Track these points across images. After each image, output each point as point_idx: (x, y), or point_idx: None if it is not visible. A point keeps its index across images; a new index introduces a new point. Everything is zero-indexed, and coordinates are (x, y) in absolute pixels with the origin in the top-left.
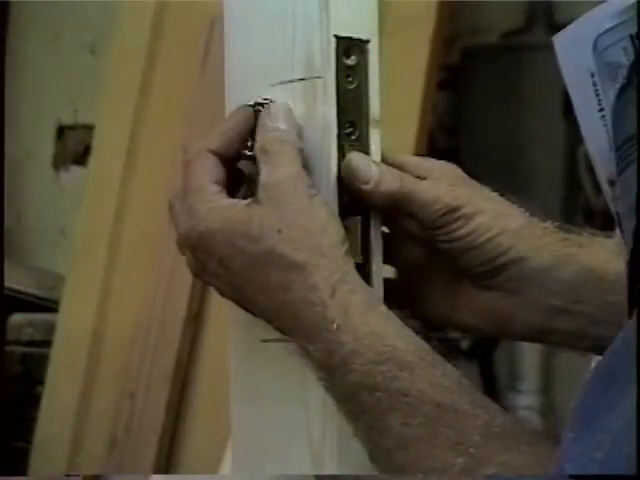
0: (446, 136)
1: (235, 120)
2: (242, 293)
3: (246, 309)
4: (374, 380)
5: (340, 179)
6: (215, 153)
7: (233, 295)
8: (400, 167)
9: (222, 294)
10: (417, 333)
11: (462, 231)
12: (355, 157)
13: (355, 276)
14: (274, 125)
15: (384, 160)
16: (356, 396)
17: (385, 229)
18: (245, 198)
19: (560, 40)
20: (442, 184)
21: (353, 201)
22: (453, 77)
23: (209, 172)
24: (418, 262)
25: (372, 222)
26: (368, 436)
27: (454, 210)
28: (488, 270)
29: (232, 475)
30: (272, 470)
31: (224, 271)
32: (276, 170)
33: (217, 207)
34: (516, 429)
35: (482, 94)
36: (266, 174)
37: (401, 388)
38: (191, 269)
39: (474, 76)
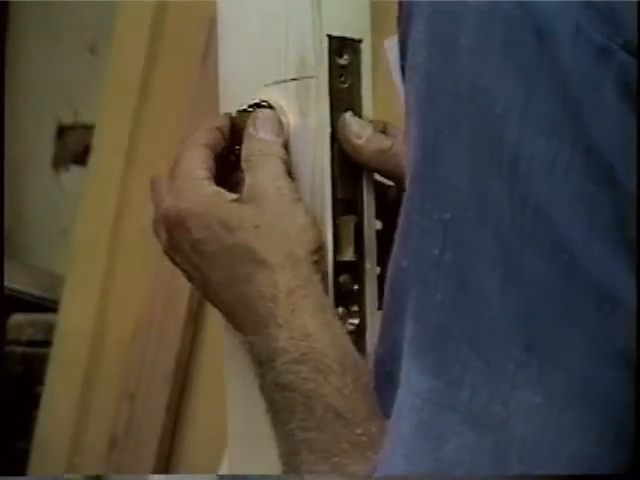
0: None
1: (216, 121)
2: (207, 279)
3: (207, 298)
4: (287, 379)
5: (334, 178)
6: (205, 146)
7: (198, 281)
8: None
9: (189, 279)
10: None
11: None
12: (350, 116)
13: (317, 286)
14: (258, 135)
15: None
16: (272, 394)
17: (378, 223)
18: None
19: (390, 44)
20: None
21: (347, 200)
22: None
23: (200, 159)
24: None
25: (366, 220)
26: (276, 437)
27: None
28: None
29: (231, 475)
30: (268, 470)
31: (195, 254)
32: (259, 175)
33: (202, 190)
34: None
35: None
36: (250, 179)
37: (308, 391)
38: (163, 248)
39: None
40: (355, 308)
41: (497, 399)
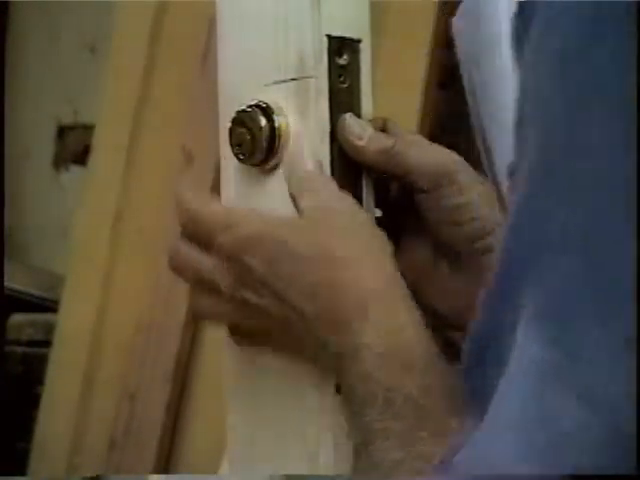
0: (446, 136)
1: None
2: (286, 299)
3: (285, 324)
4: (369, 373)
5: (334, 178)
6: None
7: (275, 307)
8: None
9: (262, 313)
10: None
11: (454, 200)
12: (350, 117)
13: (401, 280)
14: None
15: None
16: (353, 387)
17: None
18: None
19: (459, 17)
20: (439, 150)
21: None
22: (453, 77)
23: (209, 197)
24: (399, 240)
25: None
26: (351, 428)
27: (452, 174)
28: (466, 251)
29: (230, 475)
30: (267, 470)
31: (271, 274)
32: (321, 194)
33: (255, 213)
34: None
35: None
36: (310, 197)
37: (391, 384)
38: (229, 291)
39: None
40: None
41: (617, 377)
